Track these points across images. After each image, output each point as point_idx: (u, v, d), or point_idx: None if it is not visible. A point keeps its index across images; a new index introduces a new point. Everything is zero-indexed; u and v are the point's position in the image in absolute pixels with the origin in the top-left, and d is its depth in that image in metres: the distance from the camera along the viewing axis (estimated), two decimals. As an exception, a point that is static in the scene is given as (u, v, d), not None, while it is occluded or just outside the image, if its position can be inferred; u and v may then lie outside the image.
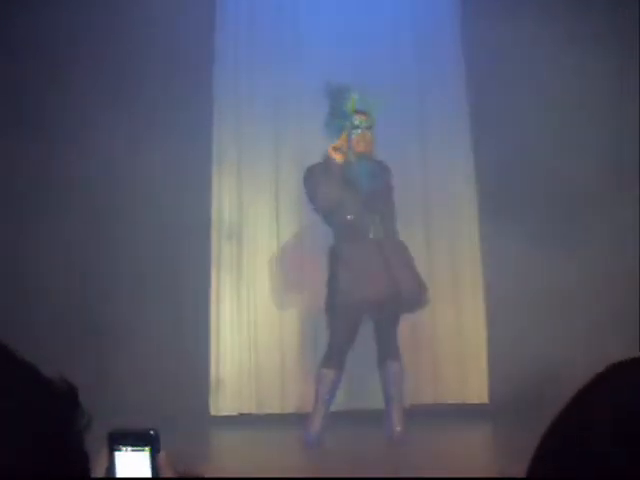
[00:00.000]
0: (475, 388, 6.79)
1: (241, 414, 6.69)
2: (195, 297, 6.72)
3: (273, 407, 6.68)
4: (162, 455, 1.01)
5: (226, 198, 6.87)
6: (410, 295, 5.70)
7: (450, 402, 6.71)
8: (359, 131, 5.75)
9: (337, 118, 5.78)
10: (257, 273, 6.82)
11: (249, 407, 6.72)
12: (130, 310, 6.42)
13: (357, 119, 5.74)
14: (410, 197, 6.75)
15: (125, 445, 1.02)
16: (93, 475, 0.81)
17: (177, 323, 6.57)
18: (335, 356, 5.62)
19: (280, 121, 6.71)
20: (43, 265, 6.37)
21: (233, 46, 6.94)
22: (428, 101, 6.93)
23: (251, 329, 6.77)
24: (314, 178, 5.76)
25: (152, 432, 1.02)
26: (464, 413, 6.50)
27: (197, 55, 6.77)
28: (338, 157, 5.69)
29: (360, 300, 5.55)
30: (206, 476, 1.39)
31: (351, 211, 5.72)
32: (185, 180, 6.63)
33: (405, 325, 6.74)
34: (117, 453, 1.02)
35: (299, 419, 6.01)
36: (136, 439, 1.03)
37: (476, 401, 6.74)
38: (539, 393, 5.68)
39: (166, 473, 1.00)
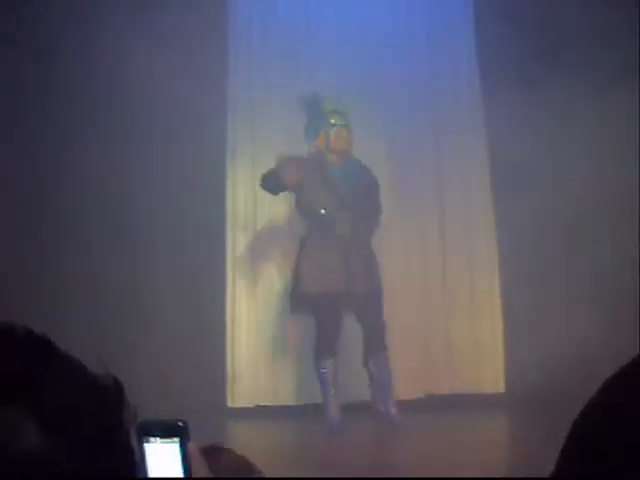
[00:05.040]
0: (491, 377, 6.80)
1: (257, 405, 6.72)
2: (212, 290, 6.75)
3: (289, 398, 6.71)
4: (192, 446, 1.02)
5: (241, 191, 6.90)
6: (361, 293, 5.92)
7: (466, 392, 6.72)
8: (335, 128, 6.08)
9: (314, 121, 6.14)
10: (272, 266, 6.84)
11: (265, 399, 6.75)
12: (148, 306, 6.45)
13: (333, 118, 6.08)
14: (424, 185, 6.83)
15: (154, 436, 1.03)
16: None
17: (194, 316, 6.59)
18: (327, 345, 5.88)
19: (293, 115, 6.73)
20: (62, 262, 6.39)
21: (246, 51, 6.99)
22: (440, 94, 6.99)
23: (266, 320, 6.80)
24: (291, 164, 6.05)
25: (181, 423, 1.03)
26: (480, 403, 6.51)
27: (212, 46, 6.79)
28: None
29: (316, 291, 5.85)
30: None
31: (325, 205, 5.97)
32: (200, 174, 6.65)
33: (419, 315, 6.80)
34: (147, 445, 1.03)
35: (314, 410, 6.05)
36: (165, 430, 1.02)
37: (492, 391, 6.75)
38: (556, 382, 5.68)
39: (197, 463, 1.01)
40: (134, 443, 0.81)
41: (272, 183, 6.05)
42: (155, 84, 6.36)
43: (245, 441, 6.02)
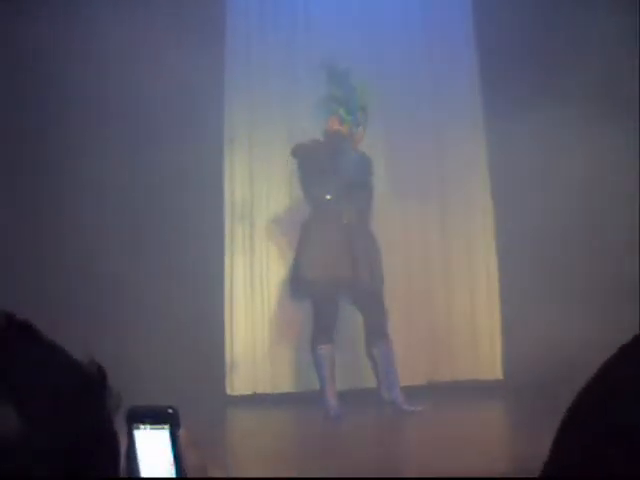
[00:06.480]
0: (489, 365, 6.82)
1: (256, 393, 6.73)
2: (209, 279, 6.74)
3: (287, 386, 6.71)
4: (183, 433, 1.00)
5: (238, 179, 6.89)
6: (363, 281, 5.90)
7: (465, 379, 6.73)
8: (361, 128, 6.03)
9: (336, 103, 6.00)
10: (270, 254, 6.83)
11: (264, 386, 6.76)
12: (147, 295, 6.44)
13: (363, 115, 6.03)
14: (425, 181, 6.83)
15: (144, 423, 1.02)
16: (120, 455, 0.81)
17: (193, 304, 6.58)
18: (323, 332, 5.87)
19: (292, 101, 6.70)
20: (61, 248, 6.39)
21: (245, 27, 6.95)
22: (440, 85, 6.98)
23: (265, 309, 6.80)
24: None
25: (171, 410, 1.01)
26: (479, 390, 6.52)
27: (210, 33, 6.76)
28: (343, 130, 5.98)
29: (314, 277, 5.84)
30: (223, 454, 1.40)
31: (331, 192, 5.92)
32: (197, 163, 6.62)
33: (419, 303, 6.81)
34: (136, 431, 1.02)
35: (312, 397, 6.06)
36: (155, 416, 1.01)
37: (491, 377, 6.76)
38: (554, 368, 5.68)
39: (187, 451, 1.00)
40: (119, 430, 0.79)
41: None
42: (149, 72, 6.34)
43: (244, 429, 6.04)
